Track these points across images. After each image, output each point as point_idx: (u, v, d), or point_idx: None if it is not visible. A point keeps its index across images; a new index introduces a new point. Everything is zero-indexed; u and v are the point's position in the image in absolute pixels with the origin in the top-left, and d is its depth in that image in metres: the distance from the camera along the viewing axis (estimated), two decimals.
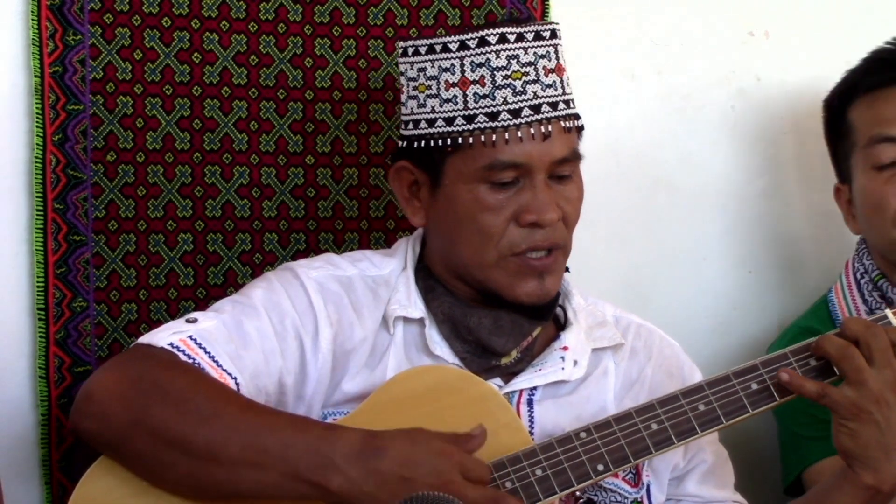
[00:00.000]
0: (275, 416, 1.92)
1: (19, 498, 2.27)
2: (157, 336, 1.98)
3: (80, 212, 2.30)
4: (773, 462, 2.69)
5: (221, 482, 1.87)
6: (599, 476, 1.95)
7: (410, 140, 2.11)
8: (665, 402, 2.00)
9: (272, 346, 2.02)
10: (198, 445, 1.86)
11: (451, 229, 2.09)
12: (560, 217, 2.07)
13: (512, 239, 2.06)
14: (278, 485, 1.85)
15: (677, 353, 2.24)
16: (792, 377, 2.01)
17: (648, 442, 1.97)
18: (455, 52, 2.06)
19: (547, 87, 2.07)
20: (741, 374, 2.03)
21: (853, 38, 2.96)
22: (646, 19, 2.79)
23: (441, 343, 2.09)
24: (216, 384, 1.94)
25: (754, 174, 2.90)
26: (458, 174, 2.06)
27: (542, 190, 2.05)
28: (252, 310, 2.04)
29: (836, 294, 2.63)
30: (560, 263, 2.11)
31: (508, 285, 2.07)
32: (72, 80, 2.29)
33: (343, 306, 2.08)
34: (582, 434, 1.97)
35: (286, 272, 2.12)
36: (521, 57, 2.05)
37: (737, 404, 2.01)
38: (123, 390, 1.91)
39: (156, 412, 1.88)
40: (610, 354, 2.17)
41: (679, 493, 2.17)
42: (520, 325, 2.10)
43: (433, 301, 2.11)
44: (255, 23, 2.42)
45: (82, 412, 1.93)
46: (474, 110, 2.05)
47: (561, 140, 2.07)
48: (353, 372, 2.06)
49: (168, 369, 1.93)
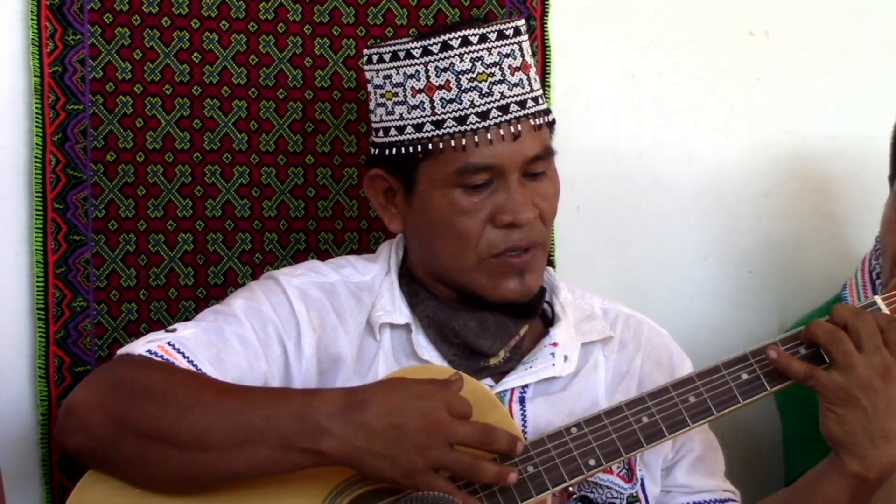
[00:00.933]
0: (254, 393, 1.92)
1: (19, 498, 2.27)
2: (135, 345, 1.99)
3: (79, 212, 2.30)
4: (775, 458, 2.69)
5: (214, 467, 1.87)
6: (591, 471, 1.95)
7: (381, 147, 2.11)
8: (655, 394, 2.00)
9: (255, 351, 2.03)
10: (184, 435, 1.86)
11: (428, 235, 2.09)
12: (536, 215, 2.06)
13: (490, 240, 2.05)
14: (271, 458, 1.85)
15: (666, 342, 2.23)
16: (780, 355, 2.00)
17: (640, 435, 1.97)
18: (419, 58, 2.05)
19: (514, 86, 2.06)
20: (731, 365, 2.02)
21: (853, 39, 2.97)
22: (646, 19, 2.79)
23: (429, 347, 2.09)
24: (190, 374, 1.94)
25: (754, 174, 2.90)
26: (431, 180, 2.06)
27: (517, 190, 2.04)
28: (233, 318, 2.05)
29: (850, 290, 2.61)
30: (540, 259, 2.10)
31: (490, 286, 2.07)
32: (71, 79, 2.29)
33: (325, 312, 2.09)
34: (573, 429, 1.96)
35: (268, 280, 2.12)
36: (486, 58, 2.04)
37: (727, 395, 2.00)
38: (102, 399, 1.91)
39: (136, 412, 1.88)
40: (599, 347, 2.17)
41: (668, 484, 2.17)
42: (505, 325, 2.09)
43: (418, 306, 2.11)
44: (255, 22, 2.42)
45: (65, 428, 1.93)
46: (442, 115, 2.04)
47: (532, 138, 2.06)
48: (342, 381, 2.05)
49: (142, 370, 1.93)
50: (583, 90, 2.73)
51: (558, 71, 2.68)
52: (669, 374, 2.17)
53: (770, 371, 2.02)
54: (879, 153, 2.95)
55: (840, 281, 2.71)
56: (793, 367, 2.00)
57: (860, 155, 2.98)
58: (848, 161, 2.97)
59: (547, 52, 2.66)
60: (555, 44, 2.67)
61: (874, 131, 2.98)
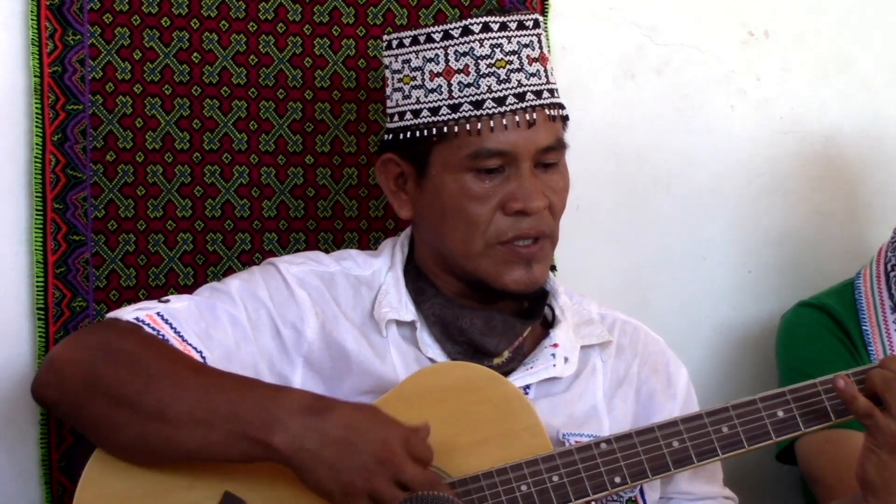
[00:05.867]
0: (225, 377, 1.93)
1: (19, 498, 2.27)
2: (125, 311, 2.01)
3: (79, 212, 2.30)
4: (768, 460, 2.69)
5: (170, 440, 1.88)
6: (616, 488, 1.95)
7: (396, 132, 2.11)
8: (688, 420, 1.99)
9: (244, 332, 2.03)
10: (147, 404, 1.88)
11: (437, 219, 2.09)
12: (546, 205, 2.07)
13: (499, 227, 2.06)
14: (224, 443, 1.86)
15: (662, 348, 2.23)
16: (848, 386, 1.99)
17: (668, 459, 1.97)
18: (439, 41, 2.06)
19: (531, 75, 2.07)
20: (768, 400, 2.02)
21: (853, 38, 2.97)
22: (646, 19, 2.79)
23: (433, 345, 2.09)
24: (169, 347, 1.95)
25: (754, 174, 2.90)
26: (443, 164, 2.06)
27: (528, 178, 2.05)
28: (227, 297, 2.06)
29: (863, 281, 2.60)
30: (547, 251, 2.10)
31: (496, 273, 2.07)
32: (71, 80, 2.29)
33: (325, 300, 2.09)
34: (602, 444, 1.96)
35: (268, 266, 2.13)
36: (505, 46, 2.06)
37: (761, 430, 2.00)
38: (80, 356, 1.93)
39: (108, 375, 1.90)
40: (597, 352, 2.17)
41: (670, 491, 2.17)
42: (511, 325, 2.10)
43: (424, 303, 2.11)
44: (255, 23, 2.42)
45: (42, 381, 1.96)
46: (459, 99, 2.05)
47: (546, 128, 2.07)
48: (357, 373, 2.05)
49: (124, 336, 1.95)
50: (583, 90, 2.73)
51: (558, 71, 2.66)
52: (665, 381, 2.17)
53: (806, 412, 2.02)
54: (880, 153, 2.96)
55: (839, 280, 2.71)
56: (858, 402, 1.98)
57: (860, 155, 2.97)
58: (848, 161, 2.96)
59: None
60: (555, 44, 2.66)
61: (874, 131, 2.99)
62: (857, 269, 2.66)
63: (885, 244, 2.61)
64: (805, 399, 2.02)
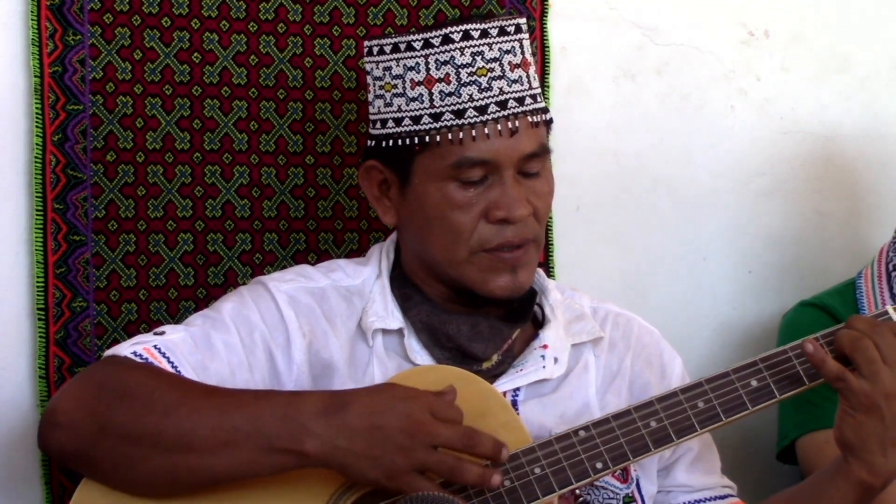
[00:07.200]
0: (239, 395, 1.92)
1: (19, 498, 2.27)
2: (121, 347, 1.99)
3: (79, 212, 2.30)
4: (764, 428, 2.69)
5: (196, 469, 1.86)
6: (598, 474, 1.95)
7: (378, 139, 2.11)
8: (664, 398, 2.00)
9: (239, 359, 2.02)
10: (168, 435, 1.86)
11: (421, 228, 2.09)
12: (530, 212, 2.06)
13: (482, 235, 2.05)
14: (253, 460, 1.85)
15: (656, 340, 2.23)
16: (816, 350, 2.00)
17: (648, 440, 1.97)
18: (419, 50, 2.05)
19: (513, 82, 2.06)
20: (740, 371, 2.03)
21: (852, 38, 2.97)
22: (646, 19, 2.79)
23: (421, 352, 2.08)
24: (174, 376, 1.94)
25: (754, 174, 2.90)
26: (426, 172, 2.06)
27: (512, 186, 2.05)
28: (221, 323, 2.04)
29: (864, 280, 2.61)
30: (532, 256, 2.10)
31: (481, 280, 2.07)
32: (71, 80, 2.29)
33: (316, 317, 2.08)
34: (581, 432, 1.96)
35: (257, 286, 2.11)
36: (486, 53, 2.05)
37: (736, 402, 2.01)
38: (86, 400, 1.91)
39: (120, 413, 1.88)
40: (590, 348, 2.16)
41: (668, 485, 2.17)
42: (499, 329, 2.10)
43: (411, 310, 2.10)
44: (255, 23, 2.42)
45: (49, 429, 1.92)
46: (440, 108, 2.04)
47: (528, 135, 2.06)
48: (338, 386, 2.04)
49: (127, 371, 1.93)
50: (583, 90, 2.73)
51: (558, 71, 2.68)
52: (660, 372, 2.17)
53: (779, 378, 2.03)
54: (880, 153, 2.96)
55: (840, 281, 2.71)
56: (827, 365, 2.00)
57: (860, 155, 2.98)
58: (848, 161, 2.97)
59: (547, 52, 2.66)
60: (555, 44, 2.67)
61: (874, 131, 2.99)
62: (857, 269, 2.66)
63: (887, 244, 2.62)
64: (777, 366, 2.03)
